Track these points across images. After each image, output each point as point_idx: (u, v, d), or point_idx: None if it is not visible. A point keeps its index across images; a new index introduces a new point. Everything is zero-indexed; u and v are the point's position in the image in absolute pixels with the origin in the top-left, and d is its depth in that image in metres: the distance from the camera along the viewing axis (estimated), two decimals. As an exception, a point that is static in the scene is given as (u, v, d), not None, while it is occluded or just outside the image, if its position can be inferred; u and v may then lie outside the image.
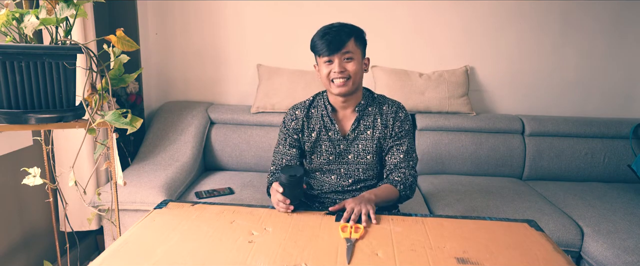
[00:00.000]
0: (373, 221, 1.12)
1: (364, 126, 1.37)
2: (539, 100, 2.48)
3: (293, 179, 1.17)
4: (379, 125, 1.37)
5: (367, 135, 1.37)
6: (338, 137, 1.38)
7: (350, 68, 1.28)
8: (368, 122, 1.37)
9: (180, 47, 2.49)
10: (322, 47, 1.27)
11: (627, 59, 2.42)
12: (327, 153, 1.40)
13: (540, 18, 2.37)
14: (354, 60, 1.28)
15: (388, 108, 1.38)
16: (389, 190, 1.32)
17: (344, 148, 1.39)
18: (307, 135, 1.40)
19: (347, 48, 1.27)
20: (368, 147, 1.38)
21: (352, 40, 1.28)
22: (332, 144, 1.39)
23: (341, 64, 1.27)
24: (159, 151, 2.17)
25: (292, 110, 1.44)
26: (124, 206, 1.78)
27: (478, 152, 2.25)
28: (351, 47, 1.28)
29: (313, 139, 1.40)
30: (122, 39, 1.12)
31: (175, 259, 0.92)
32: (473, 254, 0.96)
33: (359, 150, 1.38)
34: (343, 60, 1.27)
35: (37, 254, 1.77)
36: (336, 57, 1.27)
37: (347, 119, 1.39)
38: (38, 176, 1.22)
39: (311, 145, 1.40)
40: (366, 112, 1.38)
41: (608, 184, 2.19)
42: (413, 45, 2.44)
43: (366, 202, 1.17)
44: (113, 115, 1.08)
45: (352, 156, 1.39)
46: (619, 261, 1.51)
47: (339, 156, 1.40)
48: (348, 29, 1.28)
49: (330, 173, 1.43)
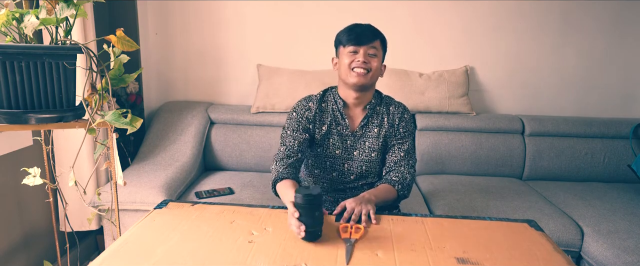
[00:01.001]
0: (373, 221, 1.12)
1: (372, 124, 1.41)
2: (539, 100, 2.48)
3: (309, 199, 0.99)
4: (386, 125, 1.41)
5: (374, 132, 1.41)
6: (347, 132, 1.41)
7: (373, 63, 1.33)
8: (376, 121, 1.41)
9: (180, 47, 2.49)
10: (352, 37, 1.32)
11: (627, 59, 2.41)
12: (334, 147, 1.42)
13: (540, 18, 2.37)
14: (377, 57, 1.34)
15: (395, 109, 1.43)
16: (387, 190, 1.33)
17: (350, 144, 1.42)
18: (318, 127, 1.42)
19: (373, 43, 1.33)
20: (374, 145, 1.41)
21: (378, 41, 1.35)
22: (340, 139, 1.42)
23: (366, 56, 1.32)
24: (159, 151, 2.17)
25: (305, 101, 1.44)
26: (124, 206, 1.78)
27: (478, 152, 2.25)
28: (377, 44, 1.34)
29: (323, 132, 1.42)
30: (122, 39, 1.12)
31: (175, 259, 0.92)
32: (473, 254, 0.96)
33: (365, 147, 1.41)
34: (368, 54, 1.32)
35: (37, 254, 1.77)
36: (362, 48, 1.32)
37: (357, 116, 1.42)
38: (38, 176, 1.22)
39: (320, 138, 1.42)
40: (375, 110, 1.42)
41: (608, 184, 2.19)
42: (413, 45, 2.44)
43: (366, 202, 1.17)
44: (113, 115, 1.08)
45: (357, 152, 1.42)
46: (619, 261, 1.51)
47: (345, 151, 1.43)
48: (376, 30, 1.36)
49: (333, 169, 1.44)
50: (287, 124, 1.43)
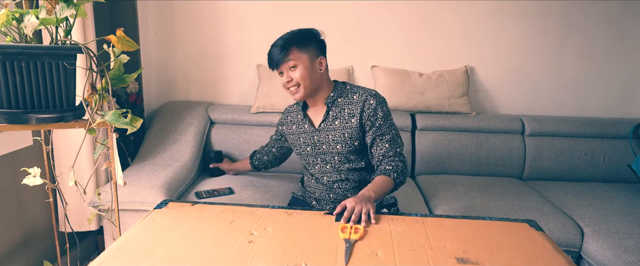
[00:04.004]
0: (372, 221, 1.12)
1: (332, 117, 1.45)
2: (539, 100, 2.48)
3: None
4: (346, 115, 1.43)
5: (335, 125, 1.45)
6: (311, 129, 1.50)
7: (295, 76, 1.39)
8: (335, 113, 1.45)
9: (180, 47, 2.49)
10: (269, 63, 1.43)
11: (627, 59, 2.41)
12: (305, 144, 1.53)
13: (540, 18, 2.37)
14: (298, 67, 1.39)
15: (358, 97, 1.44)
16: (384, 181, 1.34)
17: (317, 140, 1.49)
18: (288, 128, 1.58)
19: (287, 59, 1.38)
20: (337, 137, 1.45)
21: (293, 50, 1.38)
22: (307, 136, 1.51)
23: (288, 74, 1.40)
24: (159, 151, 2.17)
25: (290, 104, 1.64)
26: (124, 206, 1.78)
27: (478, 152, 2.25)
28: (293, 56, 1.38)
29: (293, 132, 1.55)
30: (122, 39, 1.12)
31: (175, 259, 0.92)
32: (473, 254, 0.96)
33: (329, 140, 1.46)
34: (288, 70, 1.40)
35: (37, 254, 1.77)
36: (282, 68, 1.41)
37: (319, 112, 1.50)
38: (38, 176, 1.22)
39: (293, 138, 1.56)
40: (335, 103, 1.46)
41: (608, 184, 2.19)
42: (413, 45, 2.44)
43: (366, 201, 1.17)
44: (113, 115, 1.08)
45: (325, 146, 1.49)
46: (619, 261, 1.51)
47: (315, 147, 1.51)
48: (286, 41, 1.39)
49: (315, 163, 1.54)
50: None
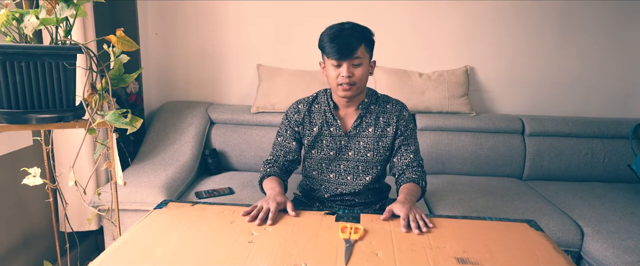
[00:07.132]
0: (429, 225, 1.10)
1: (366, 124, 1.39)
2: (539, 100, 2.48)
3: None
4: (381, 123, 1.38)
5: (368, 132, 1.39)
6: (340, 133, 1.40)
7: (357, 74, 1.28)
8: (370, 120, 1.39)
9: (180, 47, 2.49)
10: (332, 51, 1.25)
11: (627, 59, 2.41)
12: (328, 148, 1.41)
13: (540, 18, 2.37)
14: (362, 66, 1.28)
15: (392, 107, 1.40)
16: (414, 188, 1.32)
17: (344, 145, 1.40)
18: (308, 129, 1.42)
19: (357, 54, 1.26)
20: (369, 144, 1.39)
21: (362, 46, 1.27)
22: (333, 140, 1.40)
23: (349, 69, 1.26)
24: (159, 151, 2.17)
25: (296, 103, 1.45)
26: (124, 206, 1.78)
27: (478, 152, 2.25)
28: (361, 52, 1.27)
29: (314, 134, 1.41)
30: (122, 39, 1.11)
31: (175, 259, 0.92)
32: (473, 254, 0.96)
33: (360, 146, 1.40)
34: (351, 66, 1.27)
35: (37, 254, 1.77)
36: (345, 62, 1.26)
37: (350, 116, 1.40)
38: (38, 176, 1.22)
39: (312, 140, 1.42)
40: (369, 109, 1.39)
41: (608, 184, 2.19)
42: (413, 45, 2.44)
43: (414, 206, 1.16)
44: (113, 115, 1.08)
45: (352, 153, 1.40)
46: (619, 261, 1.51)
47: (340, 152, 1.41)
48: (359, 33, 1.27)
49: (329, 171, 1.44)
50: (279, 128, 1.48)
